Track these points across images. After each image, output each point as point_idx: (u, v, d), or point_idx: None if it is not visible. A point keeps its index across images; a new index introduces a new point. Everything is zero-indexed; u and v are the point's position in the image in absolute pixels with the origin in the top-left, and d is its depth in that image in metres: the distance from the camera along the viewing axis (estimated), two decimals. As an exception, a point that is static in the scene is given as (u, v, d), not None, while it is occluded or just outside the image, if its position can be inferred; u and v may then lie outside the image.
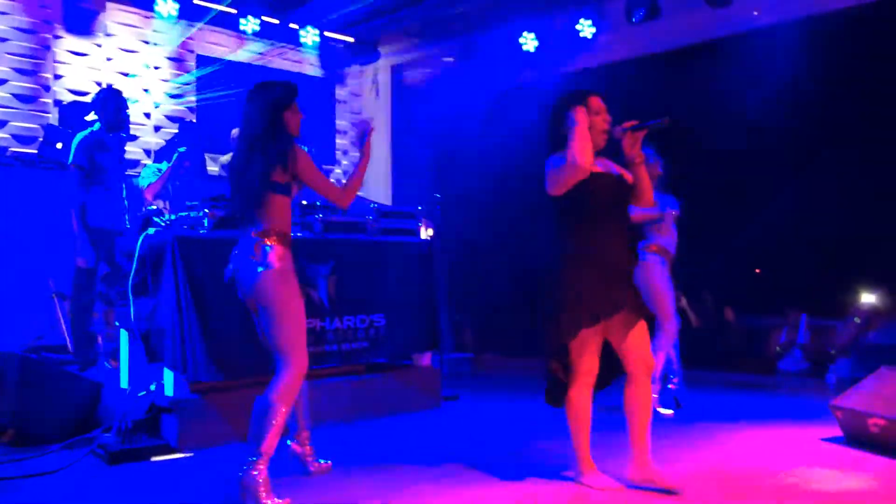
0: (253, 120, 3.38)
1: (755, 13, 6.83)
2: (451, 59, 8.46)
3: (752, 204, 6.86)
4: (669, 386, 5.23)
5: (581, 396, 3.48)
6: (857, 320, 6.52)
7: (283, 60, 8.23)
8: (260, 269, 3.30)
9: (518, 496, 3.44)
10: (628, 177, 3.49)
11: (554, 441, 4.54)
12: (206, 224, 4.51)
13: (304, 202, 5.17)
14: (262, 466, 3.23)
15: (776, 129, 6.71)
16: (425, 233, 6.60)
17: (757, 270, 7.50)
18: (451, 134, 8.94)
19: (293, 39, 8.19)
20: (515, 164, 8.64)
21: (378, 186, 8.69)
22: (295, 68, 8.30)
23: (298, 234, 4.94)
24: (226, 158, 6.33)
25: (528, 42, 7.88)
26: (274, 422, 3.25)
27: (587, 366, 3.45)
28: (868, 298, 6.60)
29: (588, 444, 3.53)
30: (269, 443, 3.25)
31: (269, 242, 3.33)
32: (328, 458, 3.87)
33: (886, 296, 6.51)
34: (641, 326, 3.43)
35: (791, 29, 6.67)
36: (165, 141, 7.19)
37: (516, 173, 8.64)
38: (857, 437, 4.27)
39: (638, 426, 3.44)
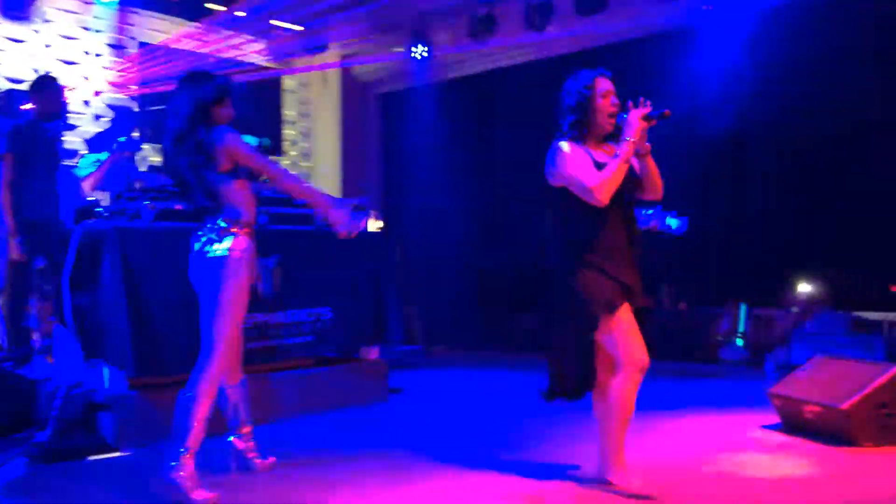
0: (179, 113, 3.32)
1: (704, 7, 6.93)
2: (401, 49, 8.41)
3: (697, 198, 6.97)
4: None
5: (624, 389, 3.19)
6: (794, 310, 6.69)
7: (229, 48, 8.08)
8: (213, 255, 3.28)
9: (465, 489, 3.44)
10: (634, 165, 3.27)
11: (501, 433, 4.57)
12: (146, 215, 4.40)
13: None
14: (188, 461, 3.20)
15: (718, 123, 6.82)
16: (374, 225, 6.56)
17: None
18: (401, 125, 8.91)
19: (240, 27, 8.04)
20: (466, 156, 8.68)
21: (327, 178, 8.61)
22: (241, 56, 8.15)
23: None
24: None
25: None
26: (198, 415, 3.23)
27: (627, 355, 3.17)
28: (805, 289, 6.78)
29: (622, 440, 3.29)
30: (195, 436, 3.22)
31: (235, 230, 3.32)
32: (273, 454, 3.82)
33: (822, 286, 6.69)
34: (638, 319, 3.27)
35: (736, 22, 6.78)
36: (100, 130, 6.99)
37: (467, 165, 8.69)
38: (794, 424, 4.38)
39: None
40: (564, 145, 3.23)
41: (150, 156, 7.14)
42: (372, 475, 3.66)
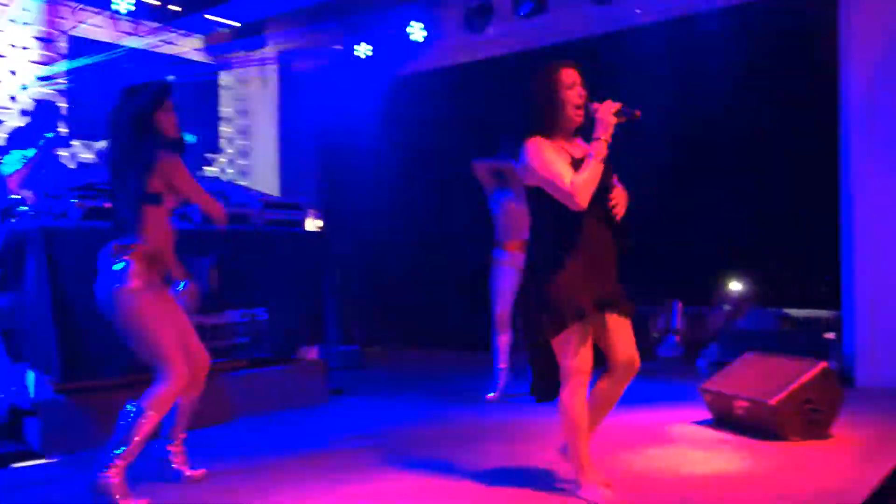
0: (121, 128, 3.25)
1: (637, 11, 7.04)
2: (340, 47, 8.33)
3: (631, 198, 7.09)
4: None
5: (575, 398, 3.12)
6: (726, 308, 6.87)
7: (163, 44, 7.88)
8: (113, 287, 3.18)
9: (405, 490, 3.43)
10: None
11: (441, 433, 4.57)
12: (73, 214, 4.26)
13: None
14: (119, 469, 3.13)
15: (651, 126, 6.94)
16: (313, 224, 6.48)
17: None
18: (341, 123, 8.83)
19: (173, 22, 7.85)
20: (407, 154, 8.66)
21: (266, 177, 8.47)
22: (175, 51, 7.96)
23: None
24: (101, 144, 6.01)
25: (416, 32, 7.85)
26: (142, 429, 3.16)
27: (579, 364, 3.10)
28: (736, 287, 6.97)
29: (588, 451, 3.19)
30: (132, 449, 3.16)
31: (126, 258, 3.19)
32: (207, 459, 3.74)
33: (752, 285, 6.88)
34: (627, 323, 3.20)
35: (667, 28, 6.91)
36: (21, 125, 6.72)
37: (407, 164, 8.67)
38: (725, 419, 4.49)
39: (593, 422, 3.27)
40: (536, 143, 3.08)
41: (80, 153, 6.91)
42: (310, 478, 3.62)
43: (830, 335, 6.08)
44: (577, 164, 3.05)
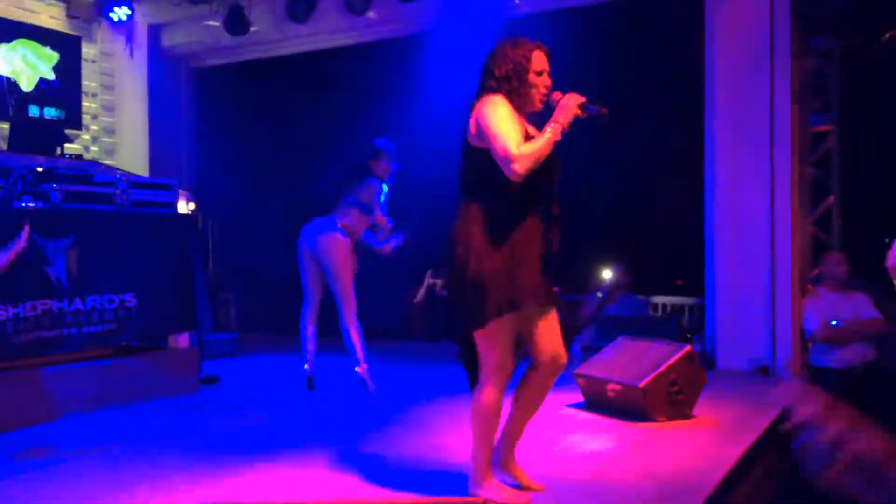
0: None
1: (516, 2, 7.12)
2: (216, 24, 7.98)
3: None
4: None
5: (491, 397, 2.93)
6: (599, 294, 7.11)
7: (17, 10, 7.29)
8: None
9: (276, 483, 3.33)
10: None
11: (315, 423, 4.48)
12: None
13: (40, 169, 4.63)
14: None
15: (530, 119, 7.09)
16: (185, 206, 6.21)
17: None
18: (218, 103, 8.50)
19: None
20: (284, 134, 8.44)
21: (134, 156, 8.02)
22: (31, 19, 7.39)
23: (31, 205, 4.42)
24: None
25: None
26: None
27: (500, 361, 2.91)
28: (608, 275, 7.22)
29: (490, 451, 3.04)
30: None
31: None
32: (62, 451, 3.50)
33: (624, 272, 7.16)
34: (554, 317, 3.04)
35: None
36: None
37: (284, 143, 8.45)
38: (597, 402, 4.64)
39: (519, 421, 3.14)
40: (496, 100, 2.87)
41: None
42: (179, 472, 3.46)
43: (685, 321, 6.43)
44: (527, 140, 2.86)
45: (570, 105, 2.88)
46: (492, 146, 2.80)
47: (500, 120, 2.82)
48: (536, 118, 2.99)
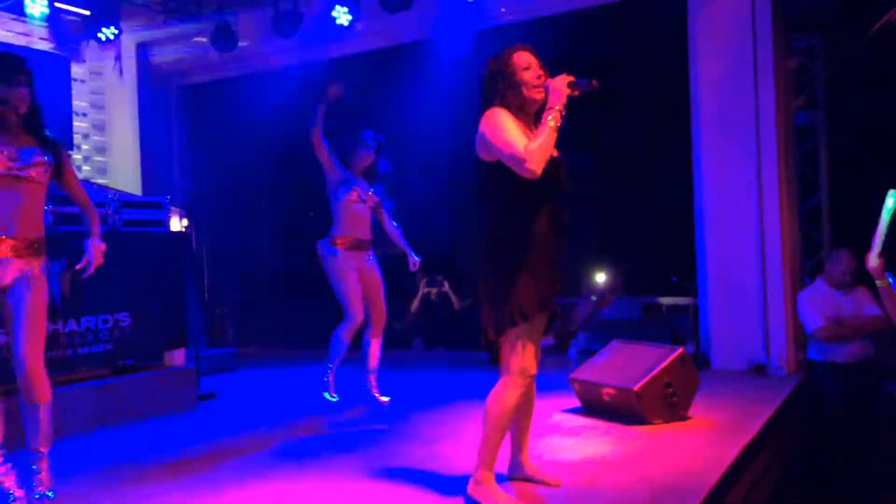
0: None
1: (502, 10, 7.16)
2: (204, 41, 8.01)
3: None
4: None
5: (512, 399, 3.01)
6: (593, 298, 7.14)
7: (4, 31, 7.30)
8: None
9: (275, 498, 3.34)
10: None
11: (317, 436, 4.49)
12: None
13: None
14: None
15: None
16: (178, 224, 6.23)
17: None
18: (209, 119, 8.53)
19: (15, 8, 7.26)
20: (278, 150, 8.45)
21: (126, 174, 8.04)
22: (21, 41, 7.40)
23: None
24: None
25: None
26: None
27: (527, 364, 3.02)
28: (601, 278, 7.25)
29: (497, 453, 3.08)
30: None
31: None
32: (60, 475, 3.51)
33: (617, 276, 7.19)
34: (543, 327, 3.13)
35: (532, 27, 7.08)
36: None
37: (279, 160, 8.46)
38: (593, 406, 4.66)
39: (524, 421, 3.29)
40: (495, 112, 2.95)
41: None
42: (178, 489, 3.47)
43: (679, 323, 6.46)
44: None
45: (559, 87, 2.93)
46: (501, 155, 2.88)
47: (501, 129, 2.90)
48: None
